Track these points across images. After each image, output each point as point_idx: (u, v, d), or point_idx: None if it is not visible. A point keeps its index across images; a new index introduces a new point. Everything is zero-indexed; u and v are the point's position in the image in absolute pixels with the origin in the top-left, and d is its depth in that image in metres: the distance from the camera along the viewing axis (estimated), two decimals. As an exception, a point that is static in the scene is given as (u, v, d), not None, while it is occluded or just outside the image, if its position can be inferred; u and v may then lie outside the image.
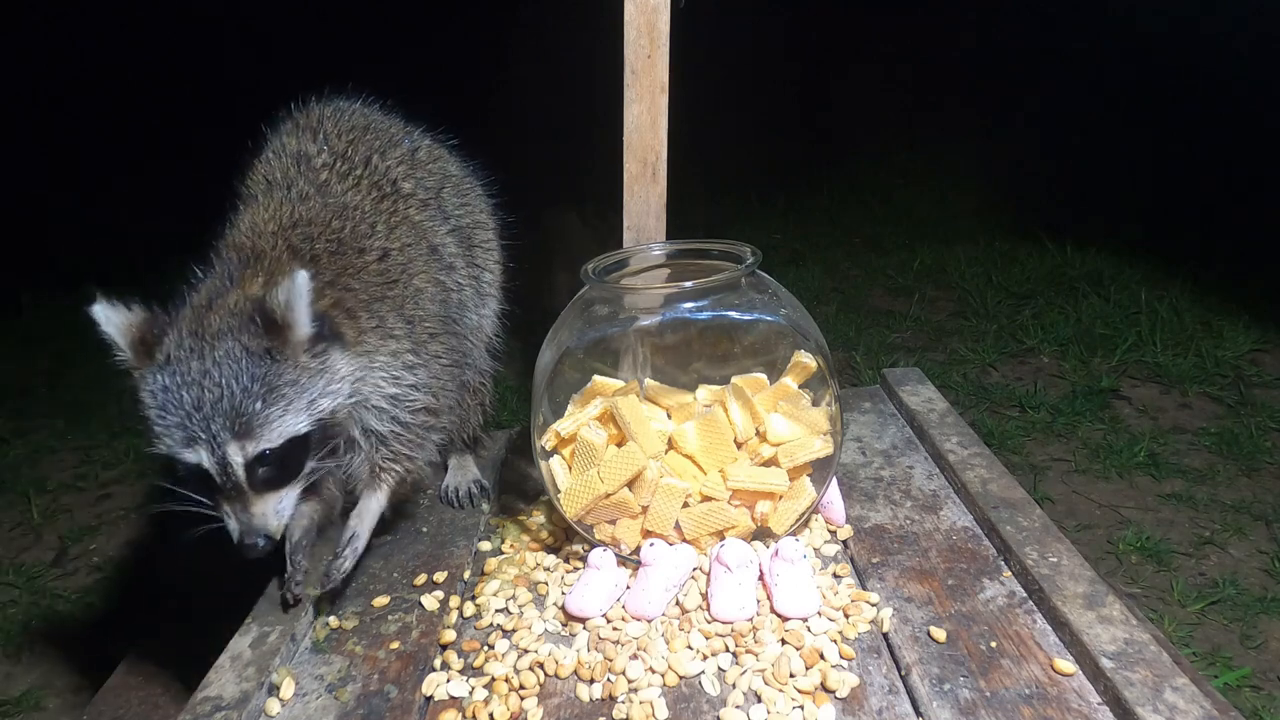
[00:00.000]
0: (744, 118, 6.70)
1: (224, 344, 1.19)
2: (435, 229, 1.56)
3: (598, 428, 1.35)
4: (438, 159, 1.69)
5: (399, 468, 1.44)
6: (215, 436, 1.18)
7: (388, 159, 1.57)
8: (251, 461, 1.20)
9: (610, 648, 1.22)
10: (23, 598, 2.67)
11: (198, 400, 1.18)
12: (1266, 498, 2.71)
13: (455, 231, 1.62)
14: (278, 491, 1.24)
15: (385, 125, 1.65)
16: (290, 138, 1.55)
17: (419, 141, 1.68)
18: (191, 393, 1.18)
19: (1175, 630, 2.20)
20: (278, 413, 1.20)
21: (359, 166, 1.53)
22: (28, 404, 3.98)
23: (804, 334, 1.39)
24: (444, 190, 1.65)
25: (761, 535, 1.40)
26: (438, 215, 1.59)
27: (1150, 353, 3.64)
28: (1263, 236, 4.47)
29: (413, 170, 1.60)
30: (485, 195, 1.78)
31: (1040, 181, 5.83)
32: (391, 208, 1.51)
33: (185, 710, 1.16)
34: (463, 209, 1.68)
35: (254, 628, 1.32)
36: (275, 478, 1.23)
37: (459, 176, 1.72)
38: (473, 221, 1.70)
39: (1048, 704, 1.07)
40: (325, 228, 1.40)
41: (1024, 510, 1.43)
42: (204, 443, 1.18)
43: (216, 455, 1.18)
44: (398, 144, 1.61)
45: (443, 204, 1.62)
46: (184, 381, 1.18)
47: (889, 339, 4.02)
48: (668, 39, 1.69)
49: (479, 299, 1.68)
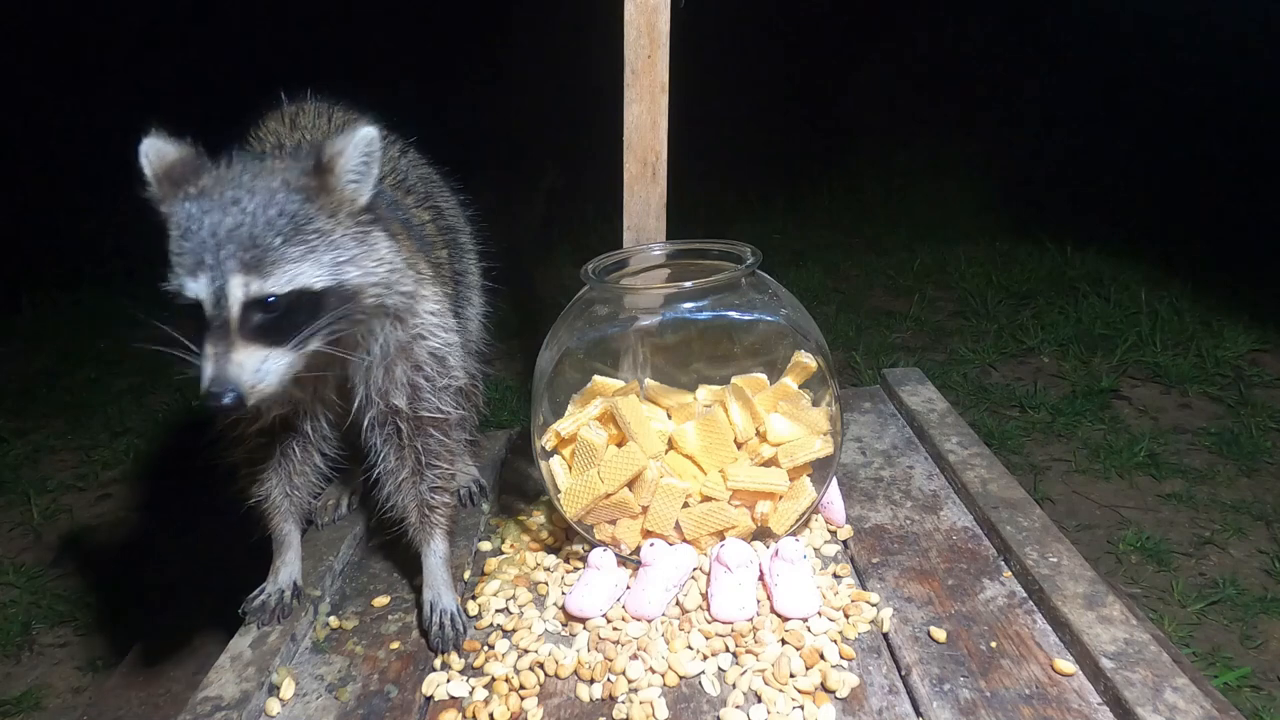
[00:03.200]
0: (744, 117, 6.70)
1: (266, 178, 1.11)
2: (425, 219, 1.55)
3: (598, 428, 1.35)
4: (420, 165, 1.68)
5: (445, 497, 1.38)
6: (222, 264, 1.07)
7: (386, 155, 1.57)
8: (251, 301, 1.08)
9: (610, 648, 1.22)
10: (23, 598, 2.66)
11: (217, 225, 1.08)
12: (1266, 498, 2.71)
13: (444, 231, 1.61)
14: (266, 348, 1.09)
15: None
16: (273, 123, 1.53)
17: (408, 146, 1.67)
18: (213, 218, 1.08)
19: (1175, 630, 2.20)
20: (296, 255, 1.09)
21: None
22: (28, 404, 3.97)
23: (804, 334, 1.39)
24: (431, 187, 1.64)
25: (761, 535, 1.40)
26: (431, 210, 1.58)
27: (1150, 353, 3.64)
28: (1263, 236, 4.47)
29: (410, 167, 1.60)
30: (458, 198, 1.77)
31: (1040, 181, 5.83)
32: (403, 198, 1.49)
33: (185, 710, 1.16)
34: (447, 209, 1.67)
35: (254, 628, 1.32)
36: (270, 330, 1.10)
37: (440, 180, 1.72)
38: (456, 225, 1.69)
39: (1048, 704, 1.08)
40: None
41: (1024, 510, 1.43)
42: (208, 269, 1.07)
43: (215, 285, 1.07)
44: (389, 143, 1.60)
45: (433, 199, 1.62)
46: (211, 207, 1.09)
47: (889, 339, 4.02)
48: (668, 39, 1.69)
49: (462, 300, 1.66)
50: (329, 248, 1.12)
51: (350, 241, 1.14)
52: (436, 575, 1.36)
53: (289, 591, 1.39)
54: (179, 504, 2.84)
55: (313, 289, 1.11)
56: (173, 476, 3.21)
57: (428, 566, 1.37)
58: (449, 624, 1.30)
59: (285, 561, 1.42)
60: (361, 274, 1.15)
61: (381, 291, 1.19)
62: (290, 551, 1.42)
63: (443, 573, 1.36)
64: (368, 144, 1.13)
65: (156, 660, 1.99)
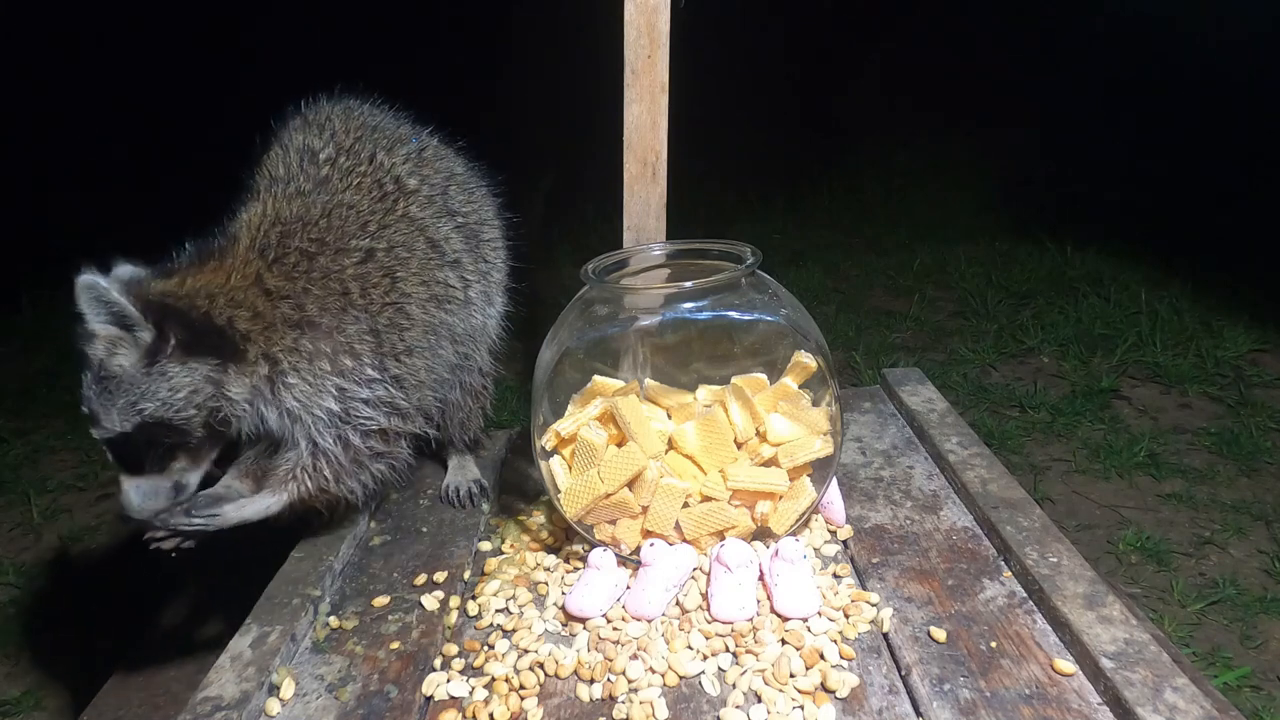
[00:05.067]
0: (744, 117, 6.71)
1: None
2: (438, 225, 1.54)
3: (598, 428, 1.35)
4: (444, 158, 1.67)
5: (311, 484, 1.40)
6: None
7: (394, 156, 1.56)
8: (104, 443, 1.29)
9: (610, 648, 1.22)
10: (23, 598, 2.67)
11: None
12: (1266, 498, 2.71)
13: (462, 228, 1.60)
14: (138, 477, 1.32)
15: (393, 124, 1.64)
16: (298, 133, 1.54)
17: (426, 141, 1.66)
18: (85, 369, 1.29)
19: (1175, 630, 2.20)
20: (105, 405, 1.27)
21: (364, 163, 1.52)
22: (28, 404, 3.98)
23: (804, 334, 1.39)
24: (450, 187, 1.63)
25: (761, 535, 1.40)
26: (443, 211, 1.57)
27: (1150, 353, 3.64)
28: (1263, 236, 4.47)
29: (419, 167, 1.59)
30: (491, 194, 1.76)
31: (1040, 181, 5.83)
32: (390, 205, 1.49)
33: (185, 710, 1.16)
34: (469, 206, 1.66)
35: (254, 628, 1.32)
36: (135, 463, 1.31)
37: (465, 174, 1.70)
38: (479, 219, 1.68)
39: (1048, 704, 1.07)
40: (311, 226, 1.39)
41: (1024, 510, 1.43)
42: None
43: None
44: (404, 141, 1.60)
45: (449, 200, 1.61)
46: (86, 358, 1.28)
47: (889, 339, 4.02)
48: (668, 39, 1.69)
49: (486, 299, 1.66)
50: (123, 392, 1.26)
51: (139, 382, 1.26)
52: (248, 504, 1.41)
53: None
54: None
55: (124, 431, 1.27)
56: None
57: (257, 495, 1.43)
58: (185, 525, 1.38)
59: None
60: (160, 406, 1.27)
61: (194, 412, 1.30)
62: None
63: (249, 509, 1.41)
64: (85, 292, 1.21)
65: (156, 660, 1.99)
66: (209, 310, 1.29)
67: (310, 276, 1.35)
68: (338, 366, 1.35)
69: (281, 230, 1.38)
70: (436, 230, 1.53)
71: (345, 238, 1.40)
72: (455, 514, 1.66)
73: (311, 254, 1.37)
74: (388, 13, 6.99)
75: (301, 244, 1.37)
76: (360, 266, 1.40)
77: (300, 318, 1.33)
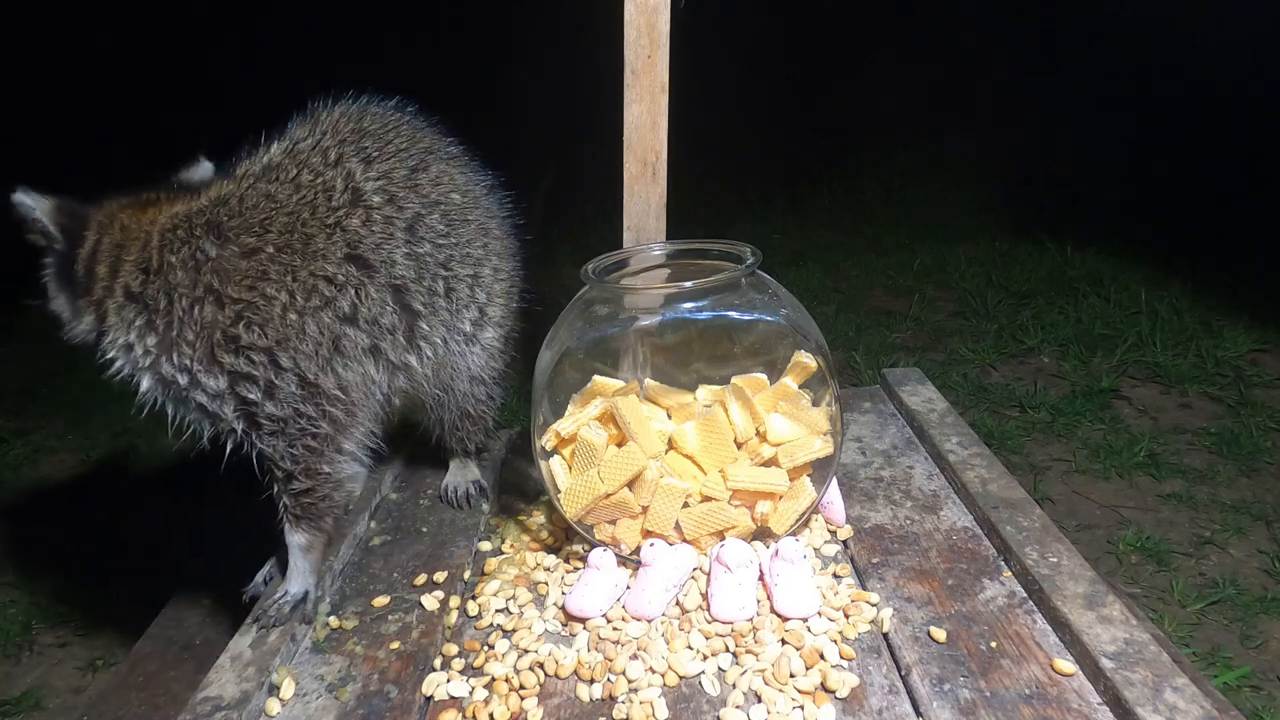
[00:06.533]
0: (744, 117, 6.70)
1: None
2: (382, 245, 1.41)
3: (598, 428, 1.35)
4: (441, 185, 1.52)
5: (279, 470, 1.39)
6: None
7: (372, 168, 1.43)
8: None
9: (610, 648, 1.22)
10: (23, 598, 2.67)
11: None
12: (1266, 498, 2.71)
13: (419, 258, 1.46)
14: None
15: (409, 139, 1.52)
16: (299, 125, 1.47)
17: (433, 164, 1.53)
18: None
19: (1175, 630, 2.20)
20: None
21: (329, 165, 1.41)
22: (28, 404, 3.98)
23: (804, 334, 1.39)
24: (431, 215, 1.48)
25: (761, 535, 1.40)
26: (402, 234, 1.44)
27: (1150, 353, 3.64)
28: (1263, 236, 4.47)
29: (395, 185, 1.45)
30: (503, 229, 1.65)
31: (1040, 181, 5.83)
32: (325, 212, 1.38)
33: (185, 710, 1.16)
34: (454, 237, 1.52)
35: (254, 628, 1.32)
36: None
37: (464, 206, 1.56)
38: (465, 255, 1.54)
39: (1048, 704, 1.08)
40: (220, 208, 1.34)
41: (1024, 510, 1.43)
42: None
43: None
44: (396, 157, 1.47)
45: (418, 226, 1.46)
46: None
47: (889, 339, 4.02)
48: (668, 39, 1.69)
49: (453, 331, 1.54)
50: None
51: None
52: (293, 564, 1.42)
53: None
54: (179, 504, 2.84)
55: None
56: (173, 476, 3.21)
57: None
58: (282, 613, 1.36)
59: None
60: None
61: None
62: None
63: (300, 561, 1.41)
64: (17, 209, 1.36)
65: (156, 660, 1.99)
66: (96, 246, 1.36)
67: (180, 255, 1.31)
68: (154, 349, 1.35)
69: (202, 206, 1.34)
70: (374, 250, 1.40)
71: (241, 231, 1.34)
72: (455, 514, 1.66)
73: (197, 236, 1.32)
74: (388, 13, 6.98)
75: (198, 222, 1.33)
76: (246, 261, 1.33)
77: (142, 292, 1.33)
